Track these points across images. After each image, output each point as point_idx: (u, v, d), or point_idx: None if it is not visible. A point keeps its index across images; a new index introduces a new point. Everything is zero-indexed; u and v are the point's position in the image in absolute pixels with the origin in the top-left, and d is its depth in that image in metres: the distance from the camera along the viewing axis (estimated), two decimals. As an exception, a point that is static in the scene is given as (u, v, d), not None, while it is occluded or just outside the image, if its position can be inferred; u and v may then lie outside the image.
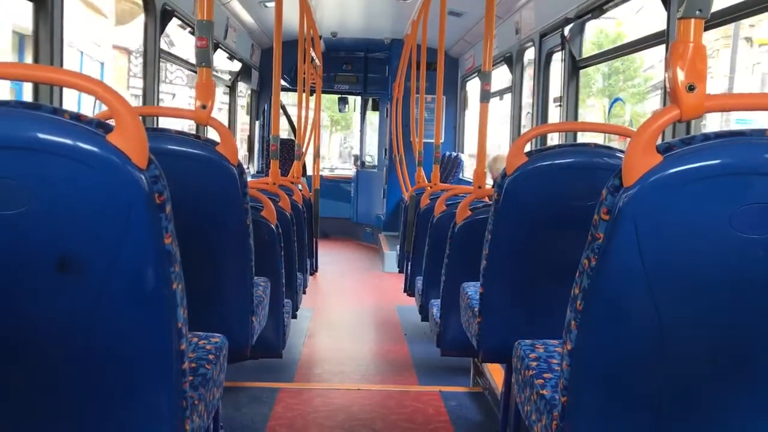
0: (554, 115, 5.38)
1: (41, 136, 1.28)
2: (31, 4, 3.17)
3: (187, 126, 10.55)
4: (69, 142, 1.28)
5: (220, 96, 8.31)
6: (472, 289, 2.90)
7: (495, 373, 3.79)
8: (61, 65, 3.26)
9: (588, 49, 4.97)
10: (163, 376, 1.47)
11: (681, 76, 1.35)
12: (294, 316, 4.07)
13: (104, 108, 1.42)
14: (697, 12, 1.35)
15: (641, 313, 1.38)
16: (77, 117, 1.32)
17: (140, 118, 1.40)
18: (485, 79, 3.52)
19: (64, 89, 3.17)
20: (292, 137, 9.85)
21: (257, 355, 3.10)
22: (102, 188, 1.32)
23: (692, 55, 1.35)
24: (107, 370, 1.43)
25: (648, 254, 1.34)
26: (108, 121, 1.35)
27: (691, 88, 1.35)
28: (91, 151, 1.29)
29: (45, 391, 1.43)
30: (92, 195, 1.32)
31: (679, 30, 1.37)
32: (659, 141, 1.34)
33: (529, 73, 6.10)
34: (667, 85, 1.39)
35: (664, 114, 1.37)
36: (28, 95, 3.18)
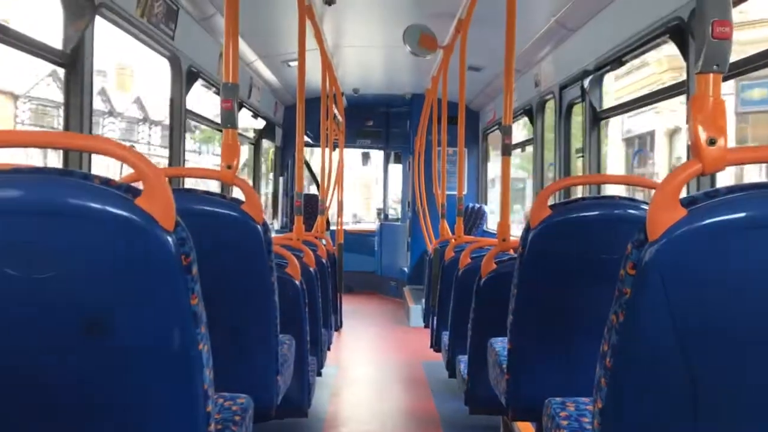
0: (577, 166, 5.39)
1: (72, 201, 1.31)
2: (62, 71, 3.28)
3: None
4: (98, 206, 1.31)
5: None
6: (500, 345, 2.86)
7: (526, 431, 3.70)
8: (90, 131, 3.34)
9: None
10: None
11: (701, 130, 1.35)
12: (319, 374, 4.03)
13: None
14: (715, 67, 1.36)
15: (672, 370, 1.35)
16: (107, 182, 1.35)
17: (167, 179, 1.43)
18: (506, 132, 3.54)
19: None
20: (316, 192, 9.95)
21: (283, 414, 3.06)
22: (130, 251, 1.34)
23: (712, 109, 1.36)
24: (133, 430, 1.43)
25: (677, 309, 1.32)
26: (136, 185, 1.38)
27: (712, 142, 1.35)
28: (120, 215, 1.32)
29: None
30: (121, 257, 1.34)
31: (698, 85, 1.38)
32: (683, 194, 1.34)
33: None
34: (688, 140, 1.39)
35: (686, 168, 1.36)
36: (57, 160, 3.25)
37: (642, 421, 1.42)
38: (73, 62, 3.24)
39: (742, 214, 1.28)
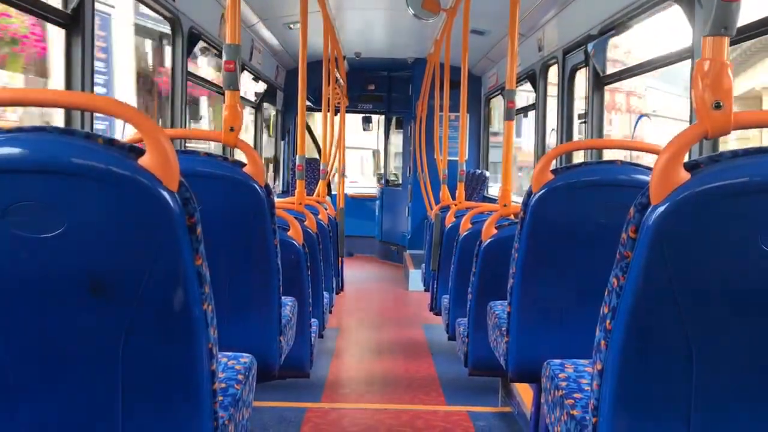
0: (579, 132, 5.37)
1: (75, 160, 1.31)
2: (63, 31, 3.25)
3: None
4: (102, 166, 1.31)
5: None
6: (500, 308, 2.88)
7: (524, 392, 3.75)
8: (92, 90, 3.33)
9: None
10: (195, 397, 1.48)
11: (707, 93, 1.35)
12: (321, 336, 4.07)
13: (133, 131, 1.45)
14: (723, 30, 1.35)
15: (671, 332, 1.37)
16: (110, 141, 1.35)
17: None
18: (509, 96, 3.53)
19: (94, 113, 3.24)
20: (317, 157, 9.93)
21: (285, 374, 3.10)
22: (134, 211, 1.34)
23: (718, 72, 1.35)
24: (138, 390, 1.45)
25: (676, 272, 1.33)
26: (139, 145, 1.38)
27: (717, 106, 1.35)
28: (124, 174, 1.32)
29: (76, 411, 1.45)
30: (125, 217, 1.34)
31: (704, 47, 1.37)
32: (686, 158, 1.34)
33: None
34: (693, 103, 1.38)
35: (690, 132, 1.36)
36: (59, 120, 3.25)
37: (641, 383, 1.44)
38: (75, 22, 3.20)
39: (746, 179, 1.28)
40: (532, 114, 6.56)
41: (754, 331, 1.36)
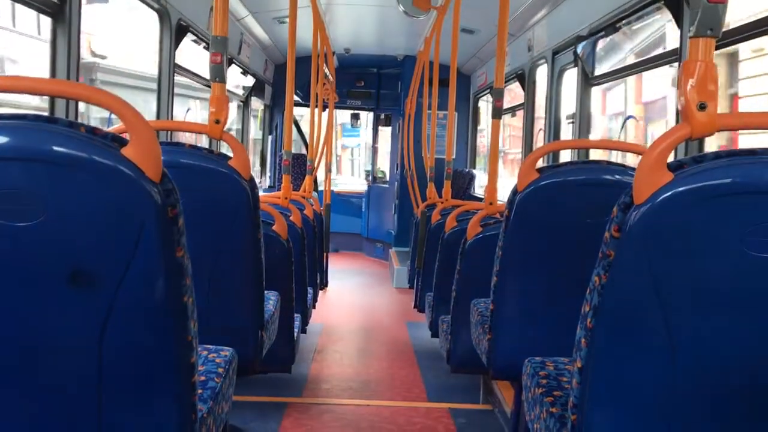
0: (566, 132, 5.39)
1: (57, 149, 1.29)
2: (49, 19, 3.22)
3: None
4: (84, 155, 1.30)
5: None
6: (483, 306, 2.89)
7: (505, 390, 3.77)
8: (77, 79, 3.30)
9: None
10: (174, 389, 1.48)
11: (692, 94, 1.36)
12: (304, 331, 4.07)
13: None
14: (708, 31, 1.36)
15: (652, 332, 1.38)
16: (93, 131, 1.34)
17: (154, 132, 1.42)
18: (497, 95, 3.54)
19: (80, 103, 3.21)
20: (305, 152, 9.90)
21: (266, 369, 3.10)
22: (116, 201, 1.33)
23: (703, 74, 1.36)
24: (117, 382, 1.44)
25: (658, 272, 1.33)
26: (123, 135, 1.36)
27: (702, 107, 1.35)
28: (106, 164, 1.31)
29: (54, 402, 1.44)
30: (106, 207, 1.33)
31: (690, 49, 1.38)
32: (671, 159, 1.35)
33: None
34: (678, 104, 1.39)
35: (674, 132, 1.37)
36: (44, 108, 3.22)
37: (620, 381, 1.45)
38: (61, 11, 3.17)
39: (728, 180, 1.29)
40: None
41: (736, 330, 1.37)
